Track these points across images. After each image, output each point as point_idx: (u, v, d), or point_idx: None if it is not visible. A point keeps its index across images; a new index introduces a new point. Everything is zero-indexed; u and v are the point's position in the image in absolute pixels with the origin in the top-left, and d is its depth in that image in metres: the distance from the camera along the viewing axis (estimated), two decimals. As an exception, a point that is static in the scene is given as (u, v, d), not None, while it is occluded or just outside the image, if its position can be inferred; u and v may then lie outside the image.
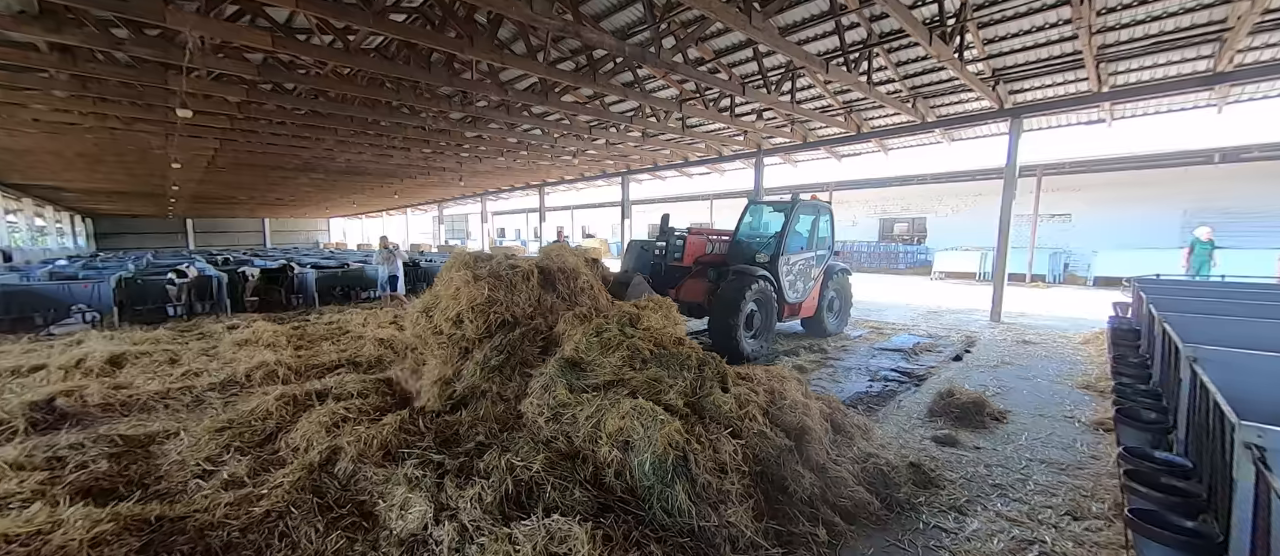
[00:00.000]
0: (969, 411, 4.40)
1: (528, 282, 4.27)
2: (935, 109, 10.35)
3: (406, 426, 3.28)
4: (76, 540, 2.12)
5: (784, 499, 2.77)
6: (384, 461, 2.94)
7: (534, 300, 4.23)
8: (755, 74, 8.77)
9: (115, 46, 5.75)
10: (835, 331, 8.27)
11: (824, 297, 8.03)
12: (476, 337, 3.91)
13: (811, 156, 14.87)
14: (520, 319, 4.07)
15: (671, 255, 7.12)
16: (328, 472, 2.88)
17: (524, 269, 4.35)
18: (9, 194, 21.46)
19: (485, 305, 3.99)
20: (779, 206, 7.75)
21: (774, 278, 6.87)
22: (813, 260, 7.74)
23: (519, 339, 3.92)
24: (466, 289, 4.07)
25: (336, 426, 3.39)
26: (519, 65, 6.79)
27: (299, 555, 2.23)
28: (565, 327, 4.01)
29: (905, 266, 21.51)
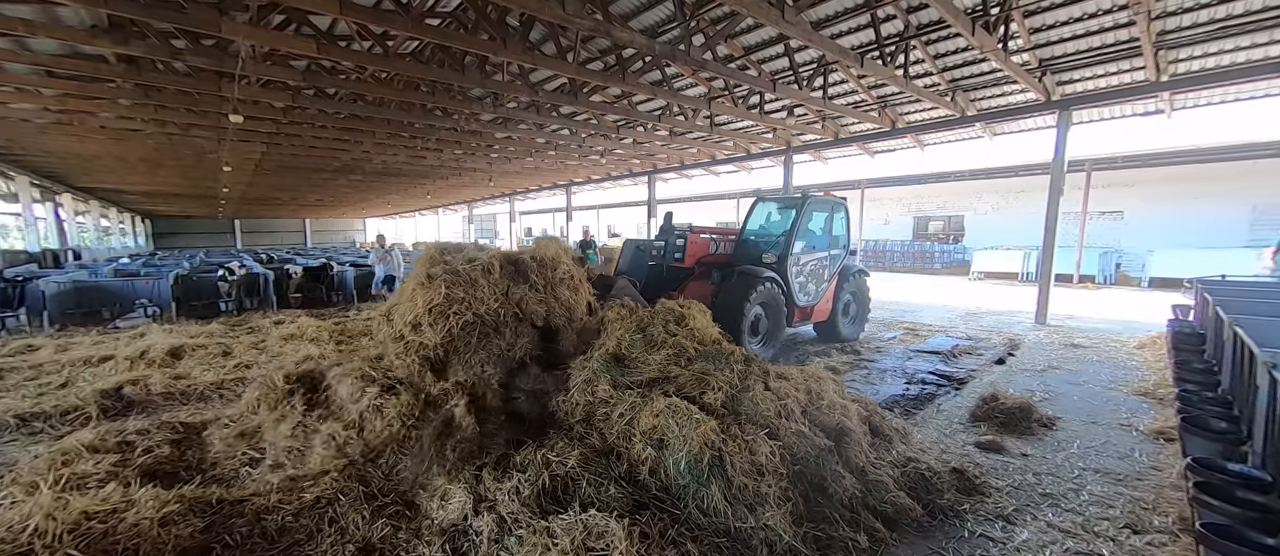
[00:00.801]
0: (1015, 417, 4.22)
1: (489, 277, 3.86)
2: (976, 102, 9.94)
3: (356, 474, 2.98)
4: (148, 519, 2.26)
5: (823, 501, 2.71)
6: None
7: (500, 294, 3.85)
8: (786, 70, 8.63)
9: (174, 56, 6.10)
10: (851, 337, 7.73)
11: (839, 300, 7.52)
12: (438, 342, 3.58)
13: (843, 153, 14.52)
14: (485, 316, 3.71)
15: (671, 256, 6.69)
16: (372, 463, 2.98)
17: (484, 262, 3.92)
18: (78, 196, 23.08)
19: (443, 306, 3.65)
20: (789, 203, 7.27)
21: (782, 279, 6.49)
22: (826, 260, 7.26)
23: (480, 341, 3.56)
24: (422, 291, 3.73)
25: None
26: (549, 66, 6.87)
27: (347, 540, 2.32)
28: (607, 319, 4.06)
29: (941, 266, 20.77)
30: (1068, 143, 8.93)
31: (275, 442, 3.33)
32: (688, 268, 6.73)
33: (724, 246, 7.10)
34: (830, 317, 7.50)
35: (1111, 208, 17.91)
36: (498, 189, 25.28)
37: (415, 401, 3.31)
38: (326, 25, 6.94)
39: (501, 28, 6.30)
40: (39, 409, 4.38)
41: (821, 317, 7.43)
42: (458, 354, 3.60)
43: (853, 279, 7.72)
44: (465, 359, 3.57)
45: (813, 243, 7.12)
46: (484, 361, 3.58)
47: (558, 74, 7.90)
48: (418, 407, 3.27)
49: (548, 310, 4.06)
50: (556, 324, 4.09)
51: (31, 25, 5.38)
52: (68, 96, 8.22)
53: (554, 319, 4.09)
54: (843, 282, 7.53)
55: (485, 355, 3.61)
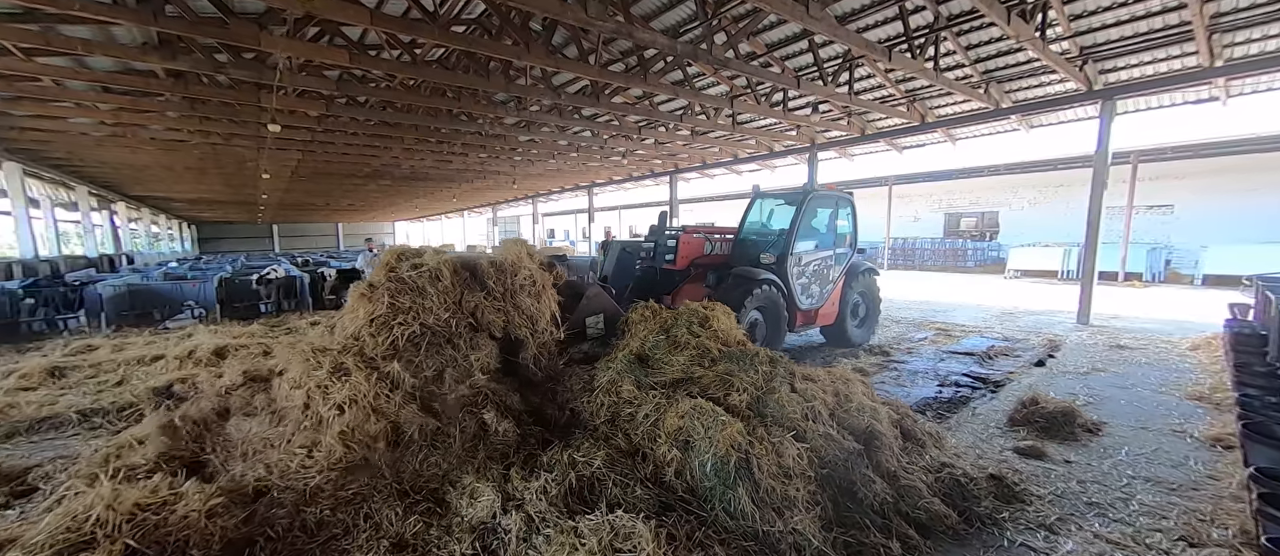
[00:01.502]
0: (1057, 421, 4.04)
1: (438, 284, 3.55)
2: (1011, 94, 9.57)
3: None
4: (196, 511, 2.37)
5: (853, 506, 2.65)
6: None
7: (450, 303, 3.55)
8: (810, 66, 8.49)
9: (218, 70, 6.41)
10: (861, 342, 7.26)
11: (847, 302, 7.02)
12: (380, 355, 3.29)
13: (870, 150, 14.20)
14: (434, 327, 3.43)
15: (662, 257, 6.19)
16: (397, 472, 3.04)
17: (433, 267, 3.62)
18: (131, 204, 24.46)
19: (387, 317, 3.38)
20: (791, 199, 6.74)
21: (782, 280, 6.04)
22: (831, 260, 6.74)
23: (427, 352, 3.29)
24: (363, 303, 3.45)
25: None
26: (572, 69, 6.94)
27: (382, 535, 2.38)
28: (632, 320, 4.05)
29: (974, 264, 20.09)
30: (1112, 134, 8.50)
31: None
32: (681, 270, 6.29)
33: (721, 246, 6.66)
34: (838, 321, 7.03)
35: (1160, 201, 16.99)
36: (521, 191, 25.65)
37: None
38: (358, 35, 7.17)
39: (525, 32, 6.39)
40: (98, 405, 4.66)
41: (827, 321, 6.96)
42: (406, 368, 3.29)
43: (861, 278, 7.21)
44: (413, 373, 3.26)
45: (816, 241, 6.65)
46: (432, 378, 3.28)
47: (580, 76, 7.96)
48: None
49: (507, 320, 3.71)
50: (518, 335, 3.75)
51: (90, 44, 5.73)
52: (122, 110, 8.72)
53: (514, 330, 3.73)
54: (850, 283, 7.05)
55: (435, 370, 3.30)
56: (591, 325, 4.34)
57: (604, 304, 4.51)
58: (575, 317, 4.16)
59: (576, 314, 4.21)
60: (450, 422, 3.11)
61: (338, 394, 3.05)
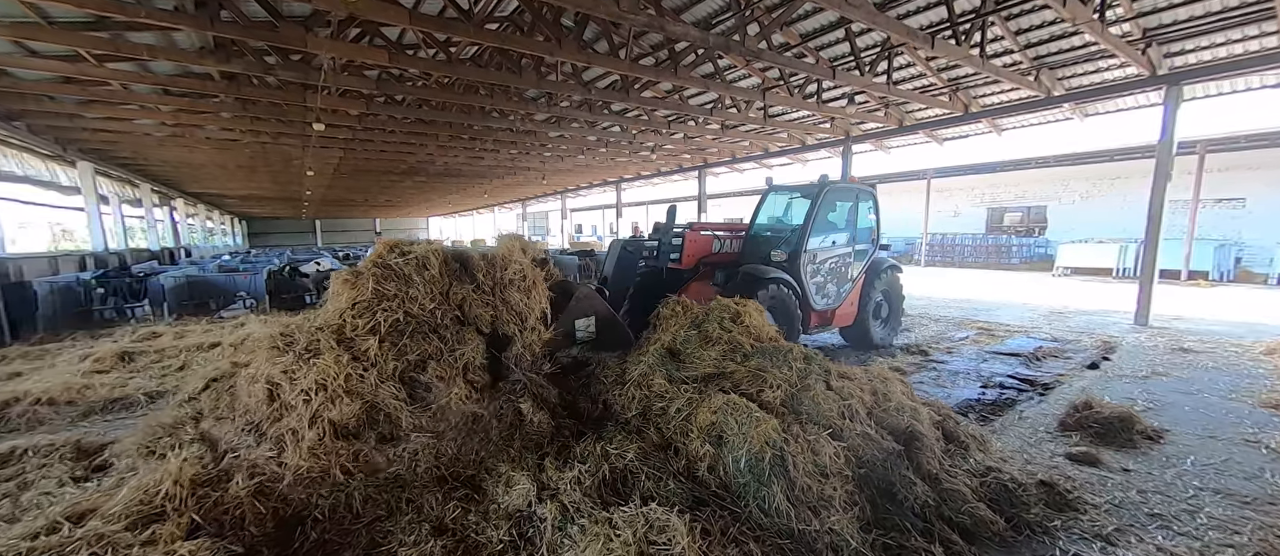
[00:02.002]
0: (1113, 427, 3.81)
1: (425, 272, 3.43)
2: (1064, 81, 9.04)
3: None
4: (247, 488, 2.51)
5: (892, 508, 2.57)
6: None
7: (437, 293, 3.44)
8: (846, 56, 8.24)
9: (267, 71, 6.71)
10: (884, 342, 6.90)
11: (868, 301, 6.61)
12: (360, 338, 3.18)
13: (908, 142, 13.70)
14: (418, 316, 3.32)
15: (666, 257, 5.90)
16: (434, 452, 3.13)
17: (419, 256, 3.51)
18: (188, 201, 26.02)
19: (371, 303, 3.27)
20: (807, 192, 6.34)
21: (795, 279, 5.69)
22: (850, 256, 6.39)
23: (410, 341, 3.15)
24: (347, 288, 3.36)
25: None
26: (603, 64, 6.95)
27: (423, 518, 2.47)
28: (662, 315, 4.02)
29: (1019, 261, 19.17)
30: (1177, 122, 7.92)
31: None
32: (687, 271, 6.01)
33: (731, 244, 6.36)
34: (858, 321, 6.66)
35: (1231, 194, 15.75)
36: (550, 187, 25.96)
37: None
38: (396, 35, 7.38)
39: (557, 29, 6.43)
40: (163, 388, 5.00)
41: (846, 321, 6.61)
42: (387, 352, 3.18)
43: (884, 276, 6.80)
44: (396, 357, 3.16)
45: (834, 237, 6.32)
46: (413, 366, 3.17)
47: (610, 71, 7.97)
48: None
49: (495, 314, 3.58)
50: (506, 331, 3.60)
51: (153, 49, 6.10)
52: (180, 112, 9.27)
53: (503, 325, 3.59)
54: (872, 281, 6.67)
55: (415, 359, 3.19)
56: (581, 327, 4.05)
57: (595, 306, 4.21)
58: (564, 319, 3.93)
59: (565, 315, 3.96)
60: (440, 421, 3.03)
61: (305, 379, 2.95)
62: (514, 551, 2.25)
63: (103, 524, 1.96)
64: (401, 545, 2.29)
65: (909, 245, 22.02)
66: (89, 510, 2.32)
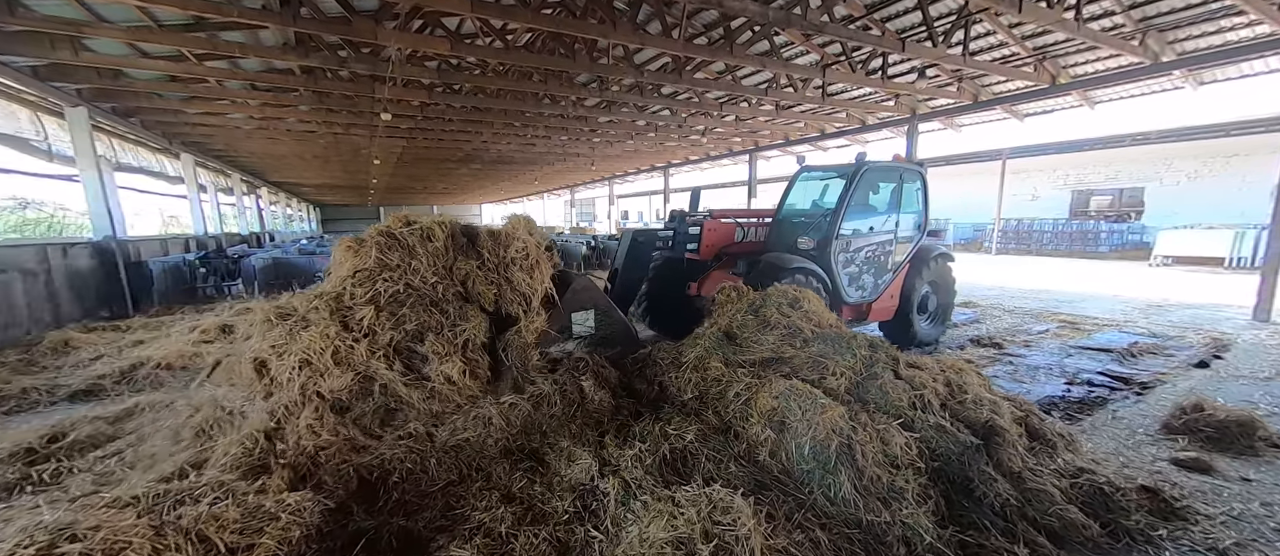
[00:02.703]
0: (1229, 432, 3.40)
1: (429, 244, 3.35)
2: (1175, 44, 7.98)
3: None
4: (339, 445, 2.72)
5: (969, 505, 2.43)
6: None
7: (441, 267, 3.35)
8: (917, 26, 7.66)
9: (341, 65, 7.12)
10: (930, 340, 6.22)
11: (913, 293, 5.97)
12: (358, 306, 3.12)
13: (982, 118, 12.63)
14: (420, 288, 3.23)
15: (683, 247, 5.47)
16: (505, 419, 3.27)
17: (425, 227, 3.42)
18: (271, 189, 28.38)
19: (373, 272, 3.18)
20: (844, 172, 5.66)
21: (824, 269, 5.15)
22: (890, 243, 5.75)
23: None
24: (350, 255, 3.29)
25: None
26: (656, 45, 6.82)
27: (492, 486, 2.59)
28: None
29: (1108, 249, 17.41)
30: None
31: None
32: (706, 262, 5.61)
33: (756, 232, 5.87)
34: (899, 315, 6.03)
35: (1384, 172, 13.45)
36: (599, 173, 26.15)
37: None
38: (456, 25, 7.60)
39: (610, 11, 6.38)
40: (258, 357, 5.51)
41: (884, 316, 5.99)
42: (386, 321, 3.12)
43: (932, 265, 6.11)
44: (394, 326, 3.09)
45: (872, 222, 5.70)
46: (411, 337, 3.08)
47: (663, 52, 7.85)
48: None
49: (499, 293, 3.51)
50: (510, 311, 3.51)
51: (243, 47, 6.62)
52: (266, 106, 10.05)
53: (506, 304, 3.51)
54: (917, 271, 6.01)
55: (413, 330, 3.10)
56: (579, 322, 3.79)
57: (594, 298, 3.88)
58: (560, 312, 3.72)
59: (560, 310, 3.74)
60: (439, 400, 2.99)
61: (292, 354, 2.88)
62: (579, 522, 2.31)
63: (220, 473, 2.20)
64: (474, 510, 2.41)
65: (978, 231, 20.51)
66: (201, 462, 2.61)
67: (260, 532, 1.80)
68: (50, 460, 2.88)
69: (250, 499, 1.97)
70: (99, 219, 8.62)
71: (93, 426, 3.25)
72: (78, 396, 4.54)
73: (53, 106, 8.37)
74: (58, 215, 15.40)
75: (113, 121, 10.08)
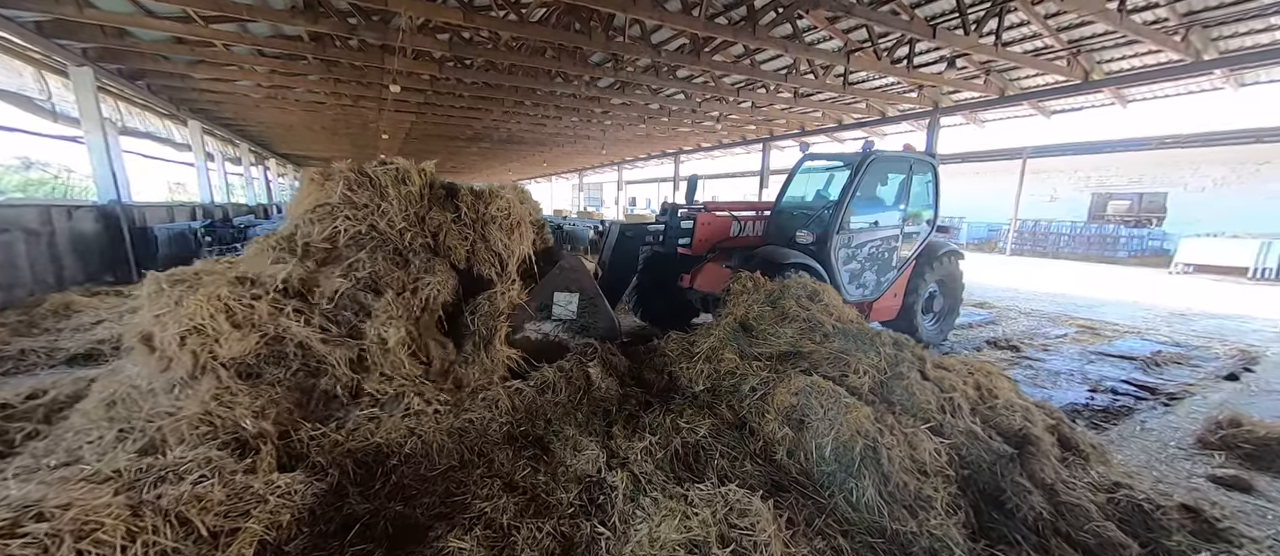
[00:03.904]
0: (1271, 450, 3.22)
1: (402, 187, 3.05)
2: (1219, 42, 7.62)
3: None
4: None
5: (1000, 518, 2.28)
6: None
7: (413, 215, 3.05)
8: (949, 12, 7.32)
9: (350, 32, 6.91)
10: (934, 342, 5.93)
11: (918, 292, 5.71)
12: (315, 247, 2.82)
13: (1007, 113, 12.25)
14: (385, 233, 2.93)
15: (674, 242, 5.15)
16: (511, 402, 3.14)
17: (400, 169, 3.14)
18: (279, 161, 28.29)
19: (336, 208, 2.88)
20: (850, 162, 5.36)
21: (822, 265, 4.89)
22: (896, 239, 5.49)
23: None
24: (314, 187, 2.98)
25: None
26: (676, 23, 6.56)
27: (494, 472, 2.47)
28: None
29: (1127, 254, 17.03)
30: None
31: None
32: (697, 257, 5.31)
33: (754, 227, 5.57)
34: (903, 315, 5.77)
35: None
36: (609, 157, 25.83)
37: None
38: (469, -5, 7.34)
39: (631, -17, 6.12)
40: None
41: (887, 315, 5.74)
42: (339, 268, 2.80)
43: (941, 263, 5.83)
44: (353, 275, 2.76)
45: (877, 216, 5.41)
46: (365, 287, 2.76)
47: (681, 31, 7.57)
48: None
49: (472, 251, 3.21)
50: (483, 272, 3.23)
51: (253, 10, 6.41)
52: (274, 74, 9.85)
53: (480, 264, 3.22)
54: (923, 269, 5.74)
55: (368, 280, 2.79)
56: (561, 303, 3.50)
57: (582, 282, 3.56)
58: (542, 289, 3.41)
59: (544, 284, 3.42)
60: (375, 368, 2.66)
61: (181, 318, 2.50)
62: (584, 516, 2.18)
63: (207, 449, 2.08)
64: (475, 498, 2.29)
65: (992, 231, 20.13)
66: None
67: (246, 515, 1.68)
68: (28, 420, 2.75)
69: (238, 479, 1.85)
70: (104, 182, 8.52)
71: (75, 386, 3.14)
72: (76, 360, 4.46)
73: (57, 64, 8.22)
74: (63, 177, 15.36)
75: (119, 84, 9.92)
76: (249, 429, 2.12)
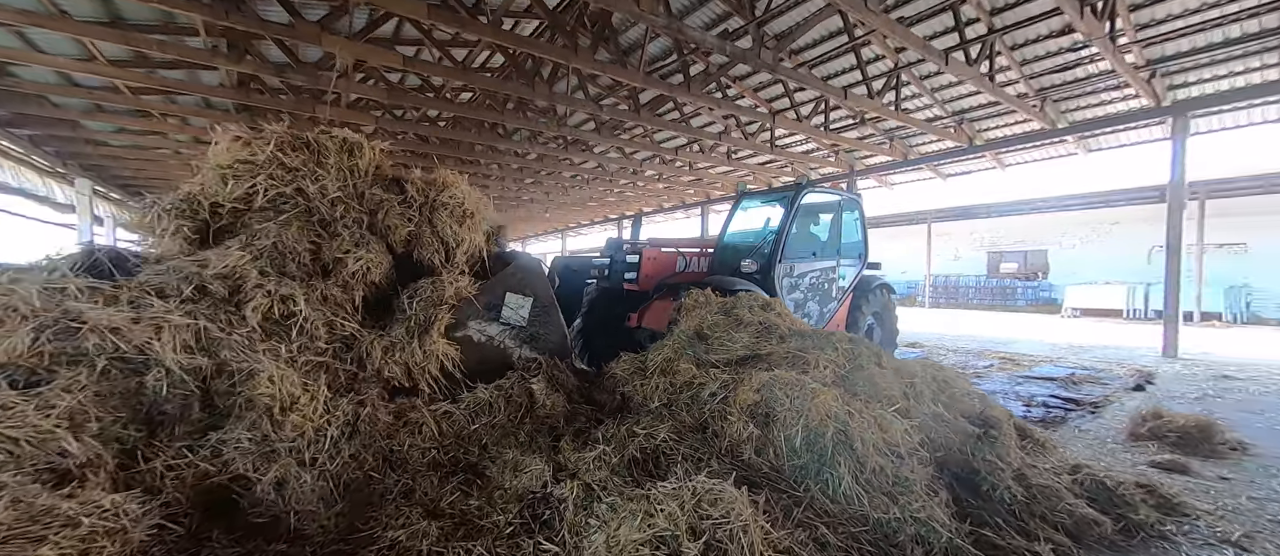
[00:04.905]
0: (1192, 437, 3.41)
1: (347, 158, 2.77)
2: (1068, 113, 9.16)
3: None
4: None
5: (977, 502, 2.15)
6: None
7: (350, 186, 2.75)
8: (856, 83, 8.31)
9: (279, 73, 6.60)
10: None
11: (857, 325, 5.79)
12: (227, 206, 2.48)
13: (912, 176, 13.80)
14: (312, 198, 2.61)
15: (620, 277, 5.07)
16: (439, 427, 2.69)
17: (352, 141, 2.84)
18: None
19: (260, 166, 2.54)
20: (784, 197, 5.53)
21: (768, 294, 4.77)
22: (834, 272, 5.64)
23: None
24: (234, 148, 2.60)
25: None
26: (615, 74, 6.85)
27: (414, 501, 2.02)
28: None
29: (1025, 303, 18.97)
30: (1186, 155, 7.90)
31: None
32: (644, 293, 5.16)
33: (699, 262, 5.60)
34: None
35: (1231, 239, 15.82)
36: (553, 223, 26.02)
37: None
38: (413, 53, 7.40)
39: (573, 37, 6.44)
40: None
41: None
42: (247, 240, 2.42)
43: (875, 296, 6.00)
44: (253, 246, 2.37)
45: (815, 248, 5.60)
46: (281, 255, 2.40)
47: (619, 83, 7.98)
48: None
49: (414, 233, 2.93)
50: (425, 258, 2.95)
51: (183, 84, 6.01)
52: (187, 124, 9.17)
53: (423, 250, 2.95)
54: (861, 301, 5.87)
55: (282, 248, 2.42)
56: (511, 306, 3.16)
57: (537, 288, 3.24)
58: (493, 285, 3.08)
59: (496, 281, 3.10)
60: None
61: None
62: (526, 534, 1.79)
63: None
64: (386, 529, 1.83)
65: (911, 287, 21.87)
66: None
67: (40, 541, 1.18)
68: None
69: (40, 502, 1.34)
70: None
71: None
72: None
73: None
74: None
75: (-10, 129, 8.80)
76: (73, 451, 1.58)
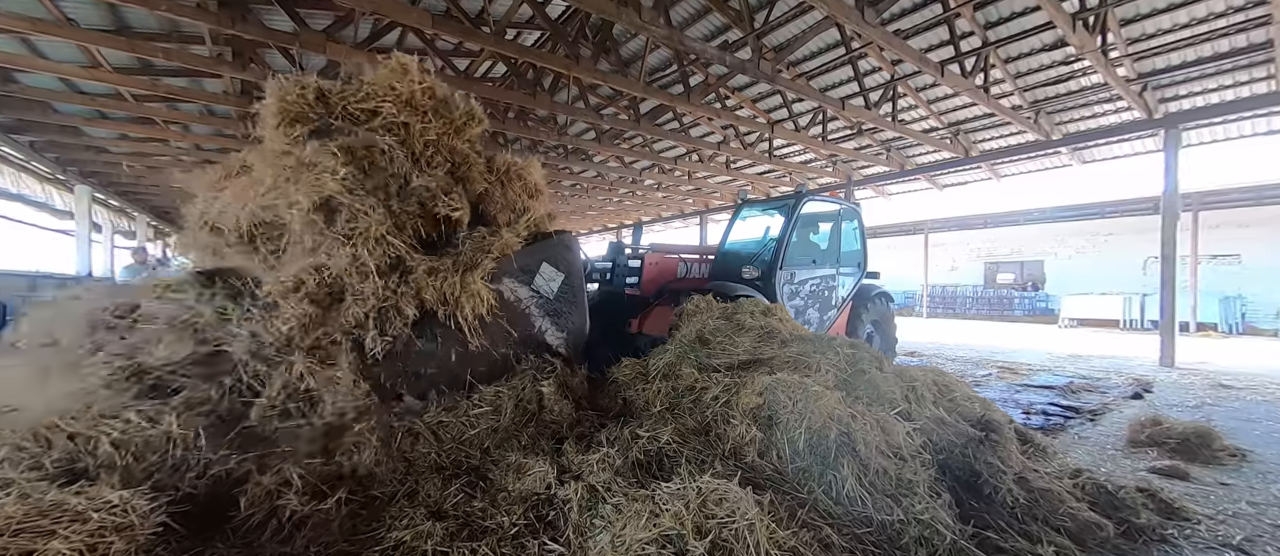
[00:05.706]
0: (1191, 444, 3.42)
1: (466, 121, 3.03)
2: (1061, 125, 9.29)
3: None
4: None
5: (980, 505, 2.15)
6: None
7: (447, 141, 2.95)
8: (854, 94, 8.43)
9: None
10: None
11: (856, 332, 5.87)
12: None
13: (908, 186, 13.93)
14: (413, 135, 2.83)
15: (622, 281, 5.13)
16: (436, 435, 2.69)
17: (475, 112, 3.11)
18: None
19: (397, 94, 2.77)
20: (784, 205, 5.62)
21: (770, 299, 4.86)
22: (834, 280, 5.72)
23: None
24: (393, 70, 2.89)
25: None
26: (616, 84, 6.96)
27: (417, 502, 2.01)
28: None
29: (1022, 313, 19.02)
30: (1179, 166, 8.01)
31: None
32: (645, 298, 5.20)
33: (700, 268, 5.68)
34: None
35: (1225, 251, 15.94)
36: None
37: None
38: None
39: (576, 47, 6.53)
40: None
41: None
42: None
43: (874, 304, 6.08)
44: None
45: (815, 256, 5.66)
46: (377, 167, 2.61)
47: (619, 92, 8.06)
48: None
49: (487, 193, 3.13)
50: (490, 214, 3.17)
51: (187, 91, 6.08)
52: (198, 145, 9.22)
53: (491, 206, 3.17)
54: (860, 309, 5.95)
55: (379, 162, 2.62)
56: (545, 276, 3.26)
57: (572, 263, 3.34)
58: (531, 253, 3.20)
59: (536, 249, 3.24)
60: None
61: None
62: (531, 535, 1.79)
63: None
64: (389, 530, 1.83)
65: (909, 298, 21.93)
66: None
67: (50, 535, 1.19)
68: None
69: (49, 498, 1.35)
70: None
71: None
72: None
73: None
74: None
75: (-9, 136, 8.84)
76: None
